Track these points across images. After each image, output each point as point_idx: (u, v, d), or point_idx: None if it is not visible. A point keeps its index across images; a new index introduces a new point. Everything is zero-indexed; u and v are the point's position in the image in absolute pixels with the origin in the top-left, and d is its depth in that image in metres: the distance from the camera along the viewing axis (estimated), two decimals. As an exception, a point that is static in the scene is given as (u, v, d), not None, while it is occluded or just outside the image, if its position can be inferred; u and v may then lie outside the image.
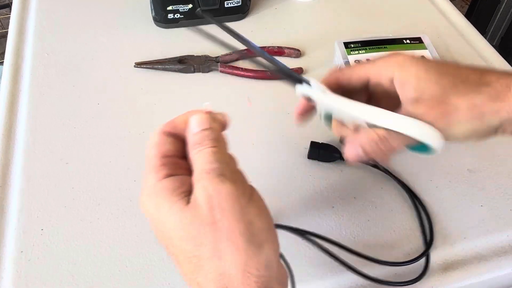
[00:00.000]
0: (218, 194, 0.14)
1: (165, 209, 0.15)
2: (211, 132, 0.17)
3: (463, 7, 1.01)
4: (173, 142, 0.17)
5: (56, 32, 0.36)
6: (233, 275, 0.14)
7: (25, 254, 0.23)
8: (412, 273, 0.23)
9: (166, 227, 0.15)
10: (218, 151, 0.16)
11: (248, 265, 0.14)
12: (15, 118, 0.31)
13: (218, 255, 0.14)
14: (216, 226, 0.14)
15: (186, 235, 0.14)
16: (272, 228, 0.16)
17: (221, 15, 0.38)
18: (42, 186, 0.27)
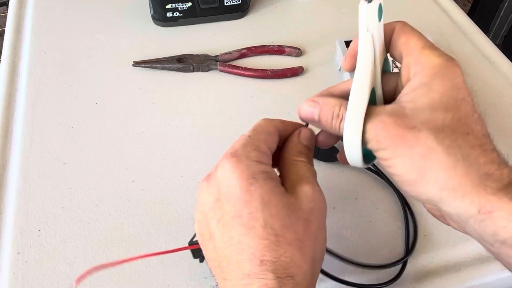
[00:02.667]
0: (319, 203, 0.17)
1: (265, 185, 0.16)
2: (312, 153, 0.19)
3: (465, 5, 1.00)
4: (276, 143, 0.18)
5: (53, 31, 0.36)
6: (304, 269, 0.15)
7: (22, 256, 0.23)
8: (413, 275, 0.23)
9: (255, 197, 0.15)
10: (315, 172, 0.18)
11: (314, 266, 0.16)
12: (12, 117, 0.30)
13: (299, 245, 0.15)
14: (308, 223, 0.16)
15: (280, 213, 0.15)
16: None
17: (220, 13, 0.37)
18: (39, 187, 0.26)
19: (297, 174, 0.17)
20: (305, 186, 0.17)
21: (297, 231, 0.15)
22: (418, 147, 0.15)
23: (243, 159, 0.16)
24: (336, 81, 0.35)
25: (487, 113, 0.32)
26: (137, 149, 0.29)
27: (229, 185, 0.16)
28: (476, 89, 0.33)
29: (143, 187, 0.27)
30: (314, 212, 0.16)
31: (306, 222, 0.16)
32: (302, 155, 0.18)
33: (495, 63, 0.35)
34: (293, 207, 0.16)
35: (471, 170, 0.14)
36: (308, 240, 0.16)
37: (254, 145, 0.17)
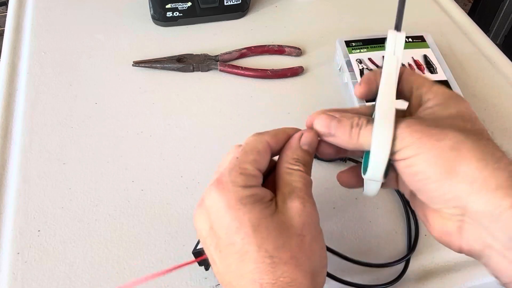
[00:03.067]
0: (310, 217, 0.16)
1: (253, 210, 0.15)
2: (312, 159, 0.18)
3: (466, 5, 1.00)
4: (269, 159, 0.18)
5: (53, 31, 0.36)
6: (305, 286, 0.15)
7: (21, 256, 0.23)
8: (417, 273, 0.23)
9: (244, 223, 0.15)
10: (311, 181, 0.17)
11: (316, 280, 0.16)
12: (11, 117, 0.30)
13: (295, 263, 0.15)
14: (301, 238, 0.16)
15: (271, 235, 0.15)
16: (327, 258, 0.17)
17: (220, 13, 0.37)
18: (38, 187, 0.26)
19: (289, 185, 0.17)
20: (295, 201, 0.16)
21: (291, 249, 0.15)
22: (447, 140, 0.15)
23: (229, 186, 0.16)
24: (336, 81, 0.35)
25: (488, 114, 0.32)
26: (137, 149, 0.29)
27: (218, 213, 0.16)
28: (476, 90, 0.33)
29: (143, 187, 0.27)
30: (306, 226, 0.16)
31: (299, 238, 0.16)
32: (299, 162, 0.17)
33: (495, 63, 0.35)
34: (284, 226, 0.16)
35: (501, 165, 0.14)
36: (304, 255, 0.16)
37: (240, 169, 0.16)
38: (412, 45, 0.33)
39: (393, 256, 0.24)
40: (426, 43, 0.34)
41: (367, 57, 0.32)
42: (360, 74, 0.31)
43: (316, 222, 0.17)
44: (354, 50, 0.33)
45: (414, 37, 0.34)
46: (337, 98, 0.32)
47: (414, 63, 0.32)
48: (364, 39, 0.34)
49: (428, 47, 0.33)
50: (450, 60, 0.34)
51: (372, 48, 0.33)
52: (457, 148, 0.15)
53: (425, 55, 0.33)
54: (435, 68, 0.32)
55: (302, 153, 0.18)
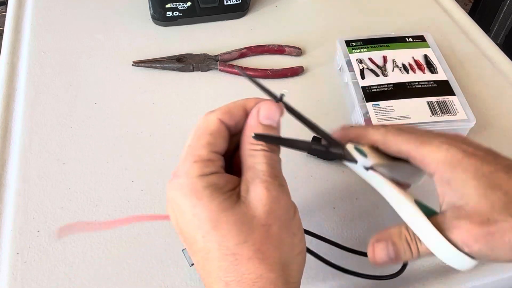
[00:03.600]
0: (277, 202, 0.15)
1: (210, 205, 0.14)
2: (277, 132, 0.16)
3: (466, 4, 1.00)
4: (226, 138, 0.16)
5: (52, 30, 0.36)
6: (273, 279, 0.14)
7: (21, 256, 0.23)
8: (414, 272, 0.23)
9: (203, 220, 0.14)
10: (279, 159, 0.16)
11: (287, 270, 0.15)
12: (11, 117, 0.30)
13: (260, 257, 0.14)
14: (266, 229, 0.15)
15: (231, 231, 0.14)
16: (304, 243, 0.16)
17: (220, 13, 0.37)
18: (38, 187, 0.26)
19: (253, 169, 0.15)
20: (258, 187, 0.15)
21: (254, 242, 0.14)
22: (508, 233, 0.15)
23: (183, 178, 0.15)
24: (336, 81, 0.34)
25: (488, 113, 0.32)
26: (137, 149, 0.29)
27: (177, 209, 0.15)
28: (477, 89, 0.33)
29: (143, 187, 0.27)
30: (272, 213, 0.15)
31: (264, 229, 0.15)
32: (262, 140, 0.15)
33: (496, 63, 0.35)
34: (246, 219, 0.15)
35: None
36: (270, 247, 0.14)
37: (194, 156, 0.15)
38: (412, 45, 0.33)
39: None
40: (427, 43, 0.33)
41: (367, 57, 0.32)
42: (361, 74, 0.31)
43: (286, 207, 0.15)
44: (355, 50, 0.33)
45: (414, 36, 0.34)
46: (337, 98, 0.32)
47: (415, 62, 0.32)
48: (364, 39, 0.33)
49: (428, 47, 0.33)
50: (451, 60, 0.34)
51: (373, 48, 0.33)
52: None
53: (426, 54, 0.33)
54: (436, 68, 0.32)
55: (263, 129, 0.16)
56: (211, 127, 0.16)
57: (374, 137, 0.18)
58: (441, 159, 0.16)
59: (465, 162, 0.16)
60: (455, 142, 0.17)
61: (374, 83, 0.30)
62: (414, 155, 0.17)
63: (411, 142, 0.17)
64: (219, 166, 0.15)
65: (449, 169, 0.16)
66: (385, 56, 0.32)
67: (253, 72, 0.33)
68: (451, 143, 0.16)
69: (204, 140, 0.15)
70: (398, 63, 0.32)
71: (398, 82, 0.30)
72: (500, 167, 0.16)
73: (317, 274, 0.23)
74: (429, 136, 0.17)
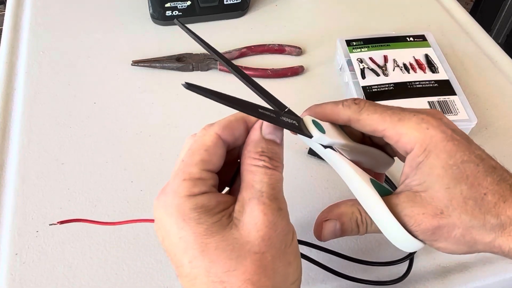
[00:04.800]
0: (274, 228, 0.14)
1: (198, 228, 0.13)
2: (280, 148, 0.15)
3: (467, 3, 1.00)
4: (222, 155, 0.15)
5: (51, 30, 0.36)
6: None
7: (19, 257, 0.23)
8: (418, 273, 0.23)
9: (190, 244, 0.13)
10: (281, 178, 0.15)
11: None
12: (9, 117, 0.30)
13: (250, 286, 0.13)
14: (259, 257, 0.13)
15: (220, 257, 0.13)
16: (300, 270, 0.15)
17: (220, 12, 0.37)
18: (37, 187, 0.26)
19: (251, 188, 0.14)
20: (255, 210, 0.14)
21: (245, 271, 0.13)
22: (455, 231, 0.15)
23: (171, 197, 0.14)
24: (336, 81, 0.34)
25: (489, 113, 0.32)
26: (136, 149, 0.29)
27: (163, 229, 0.14)
28: (478, 89, 0.33)
29: (142, 187, 0.27)
30: (267, 240, 0.14)
31: (256, 257, 0.13)
32: (265, 156, 0.15)
33: (497, 62, 0.35)
34: (237, 245, 0.13)
35: (506, 224, 0.15)
36: (262, 276, 0.13)
37: (185, 173, 0.14)
38: (413, 44, 0.33)
39: (395, 256, 0.23)
40: (428, 42, 0.33)
41: (368, 57, 0.32)
42: (361, 74, 0.31)
43: (282, 233, 0.14)
44: (355, 49, 0.33)
45: (415, 36, 0.34)
46: (337, 98, 0.32)
47: (416, 62, 0.32)
48: (365, 38, 0.33)
49: (429, 46, 0.33)
50: (452, 59, 0.34)
51: (373, 47, 0.33)
52: (467, 235, 0.15)
53: (427, 54, 0.33)
54: (437, 68, 0.32)
55: (266, 144, 0.15)
56: (207, 143, 0.15)
57: (346, 115, 0.17)
58: (419, 140, 0.15)
59: (441, 146, 0.15)
60: (434, 120, 0.16)
61: (375, 82, 0.30)
62: (390, 135, 0.16)
63: (386, 120, 0.16)
64: (210, 185, 0.14)
65: (423, 152, 0.15)
66: (385, 56, 0.32)
67: (253, 71, 0.33)
68: (430, 122, 0.16)
69: (198, 156, 0.14)
70: (399, 62, 0.32)
71: (399, 82, 0.30)
72: (473, 157, 0.15)
73: (317, 276, 0.23)
74: (406, 113, 0.16)
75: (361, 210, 0.17)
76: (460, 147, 0.15)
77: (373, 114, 0.16)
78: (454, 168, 0.15)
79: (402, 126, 0.16)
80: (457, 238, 0.15)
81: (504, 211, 0.15)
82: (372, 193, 0.16)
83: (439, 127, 0.16)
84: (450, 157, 0.15)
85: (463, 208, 0.15)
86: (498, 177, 0.15)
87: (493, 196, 0.15)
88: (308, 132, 0.16)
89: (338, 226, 0.17)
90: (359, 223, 0.17)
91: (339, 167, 0.17)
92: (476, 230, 0.15)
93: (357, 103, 0.17)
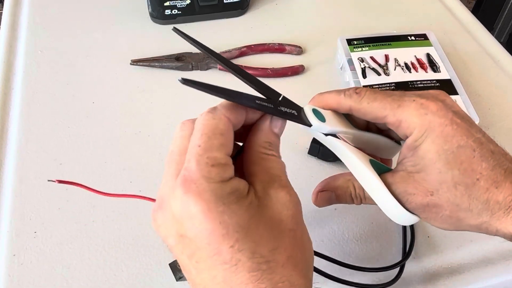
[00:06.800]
0: (297, 207, 0.15)
1: (239, 211, 0.13)
2: (279, 142, 0.16)
3: (470, 2, 0.99)
4: (233, 139, 0.15)
5: (49, 29, 0.36)
6: (303, 283, 0.14)
7: (17, 258, 0.23)
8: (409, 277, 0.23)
9: (231, 228, 0.13)
10: (285, 166, 0.16)
11: (309, 276, 0.15)
12: (7, 117, 0.30)
13: (292, 263, 0.14)
14: (293, 234, 0.14)
15: (263, 237, 0.14)
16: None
17: (220, 11, 0.37)
18: (35, 188, 0.26)
19: (268, 173, 0.15)
20: (280, 191, 0.15)
21: (286, 248, 0.14)
22: (442, 212, 0.16)
23: (203, 184, 0.13)
24: (337, 80, 0.34)
25: (492, 113, 0.31)
26: (135, 149, 0.28)
27: (193, 220, 0.13)
28: (480, 89, 0.33)
29: (141, 188, 0.26)
30: (294, 218, 0.15)
31: (291, 233, 0.14)
32: (273, 146, 0.15)
33: (499, 62, 0.35)
34: (274, 223, 0.14)
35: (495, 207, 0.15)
36: (298, 252, 0.14)
37: (210, 159, 0.13)
38: (414, 43, 0.33)
39: (395, 257, 0.23)
40: (429, 41, 0.33)
41: (369, 56, 0.32)
42: (362, 73, 0.31)
43: (301, 211, 0.15)
44: (356, 48, 0.32)
45: (416, 35, 0.33)
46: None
47: (417, 61, 0.32)
48: (366, 37, 0.33)
49: (431, 45, 0.33)
50: (454, 58, 0.34)
51: (374, 46, 0.33)
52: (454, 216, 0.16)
53: (428, 53, 0.32)
54: (438, 67, 0.31)
55: (274, 137, 0.16)
56: (221, 126, 0.14)
57: (347, 104, 0.17)
58: (418, 125, 0.16)
59: (438, 131, 0.16)
60: (435, 104, 0.16)
61: (376, 82, 0.30)
62: (391, 121, 0.17)
63: (387, 107, 0.16)
64: (233, 170, 0.14)
65: (421, 137, 0.16)
66: (387, 55, 0.32)
67: (253, 71, 0.33)
68: (429, 107, 0.16)
69: (217, 140, 0.14)
70: (400, 62, 0.31)
71: (400, 81, 0.30)
72: (470, 141, 0.15)
73: (314, 279, 0.22)
74: (405, 98, 0.16)
75: (356, 186, 0.18)
76: (459, 131, 0.16)
77: (373, 102, 0.17)
78: (448, 153, 0.15)
79: (402, 113, 0.16)
80: (444, 218, 0.16)
81: (495, 196, 0.15)
82: (370, 173, 0.17)
83: (438, 111, 0.16)
84: (445, 142, 0.15)
85: (452, 192, 0.15)
86: (494, 162, 0.15)
87: (486, 182, 0.15)
88: (307, 121, 0.17)
89: (333, 198, 0.19)
90: (353, 197, 0.18)
91: (339, 151, 0.18)
92: (463, 213, 0.16)
93: (357, 92, 0.17)
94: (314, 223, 0.25)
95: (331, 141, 0.17)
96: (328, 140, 0.17)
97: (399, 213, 0.17)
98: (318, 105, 0.18)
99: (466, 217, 0.16)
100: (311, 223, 0.25)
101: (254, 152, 0.15)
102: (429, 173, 0.16)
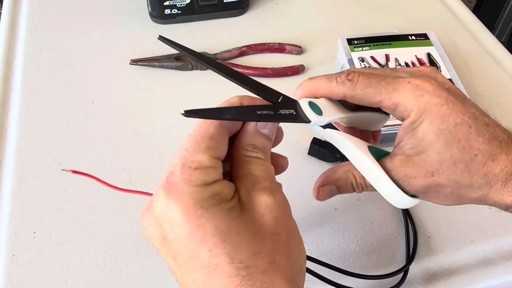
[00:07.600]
0: (283, 208, 0.14)
1: (218, 215, 0.13)
2: (270, 143, 0.16)
3: (470, 2, 0.99)
4: (227, 142, 0.15)
5: (49, 28, 0.35)
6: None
7: (17, 258, 0.23)
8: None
9: (210, 232, 0.13)
10: (273, 169, 0.16)
11: (296, 281, 0.14)
12: (6, 117, 0.30)
13: (274, 268, 0.13)
14: (276, 238, 0.14)
15: (243, 241, 0.13)
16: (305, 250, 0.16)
17: (219, 10, 0.37)
18: (34, 188, 0.26)
19: (251, 176, 0.14)
20: (263, 193, 0.14)
21: (268, 253, 0.13)
22: (444, 190, 0.16)
23: (183, 187, 0.13)
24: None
25: (493, 113, 0.31)
26: (135, 149, 0.28)
27: (172, 223, 0.13)
28: (481, 89, 0.33)
29: (141, 188, 0.26)
30: (279, 220, 0.14)
31: (274, 237, 0.14)
32: (258, 149, 0.15)
33: (500, 61, 0.35)
34: (257, 227, 0.14)
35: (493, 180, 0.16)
36: (282, 257, 0.14)
37: (194, 162, 0.13)
38: (415, 43, 0.33)
39: (395, 258, 0.23)
40: (430, 41, 0.33)
41: (369, 55, 0.32)
42: (362, 73, 0.31)
43: (289, 214, 0.15)
44: (356, 48, 0.32)
45: (417, 34, 0.33)
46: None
47: (418, 61, 0.32)
48: (366, 37, 0.33)
49: (431, 45, 0.33)
50: (454, 58, 0.34)
51: (375, 46, 0.32)
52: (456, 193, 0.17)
53: (429, 53, 0.32)
54: (439, 67, 0.31)
55: (260, 138, 0.15)
56: (211, 130, 0.14)
57: (341, 92, 0.17)
58: (415, 108, 0.16)
59: (435, 112, 0.16)
60: (430, 85, 0.16)
61: (376, 82, 0.30)
62: (387, 105, 0.17)
63: (382, 91, 0.16)
64: (220, 174, 0.14)
65: (418, 119, 0.16)
66: (387, 55, 0.32)
67: (253, 70, 0.33)
68: (425, 89, 0.16)
69: (204, 143, 0.14)
70: (400, 61, 0.31)
71: (400, 81, 0.30)
72: (466, 118, 0.16)
73: (305, 283, 0.22)
74: (400, 80, 0.16)
75: (356, 175, 0.18)
76: (454, 110, 0.16)
77: (367, 88, 0.17)
78: (446, 133, 0.16)
79: (398, 96, 0.16)
80: (446, 196, 0.17)
81: (492, 169, 0.16)
82: (369, 161, 0.17)
83: (434, 92, 0.16)
84: (442, 122, 0.16)
85: (452, 170, 0.16)
86: (490, 135, 0.16)
87: (483, 156, 0.15)
88: (306, 117, 0.17)
89: (334, 190, 0.19)
90: (355, 186, 0.19)
91: (337, 142, 0.18)
92: (464, 189, 0.16)
93: (350, 79, 0.17)
94: (314, 223, 0.25)
95: (329, 133, 0.17)
96: (326, 133, 0.18)
97: (399, 197, 0.17)
98: (310, 95, 0.17)
99: (467, 192, 0.16)
100: (311, 224, 0.25)
101: (238, 155, 0.15)
102: (429, 154, 0.16)
